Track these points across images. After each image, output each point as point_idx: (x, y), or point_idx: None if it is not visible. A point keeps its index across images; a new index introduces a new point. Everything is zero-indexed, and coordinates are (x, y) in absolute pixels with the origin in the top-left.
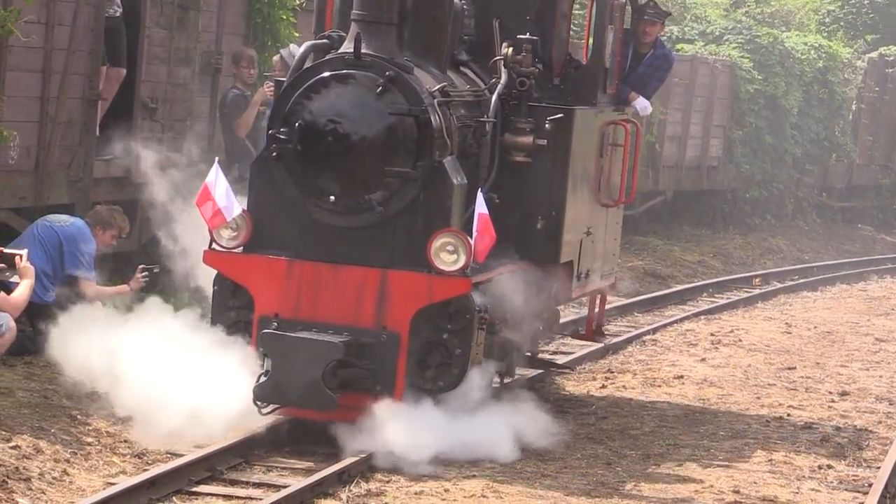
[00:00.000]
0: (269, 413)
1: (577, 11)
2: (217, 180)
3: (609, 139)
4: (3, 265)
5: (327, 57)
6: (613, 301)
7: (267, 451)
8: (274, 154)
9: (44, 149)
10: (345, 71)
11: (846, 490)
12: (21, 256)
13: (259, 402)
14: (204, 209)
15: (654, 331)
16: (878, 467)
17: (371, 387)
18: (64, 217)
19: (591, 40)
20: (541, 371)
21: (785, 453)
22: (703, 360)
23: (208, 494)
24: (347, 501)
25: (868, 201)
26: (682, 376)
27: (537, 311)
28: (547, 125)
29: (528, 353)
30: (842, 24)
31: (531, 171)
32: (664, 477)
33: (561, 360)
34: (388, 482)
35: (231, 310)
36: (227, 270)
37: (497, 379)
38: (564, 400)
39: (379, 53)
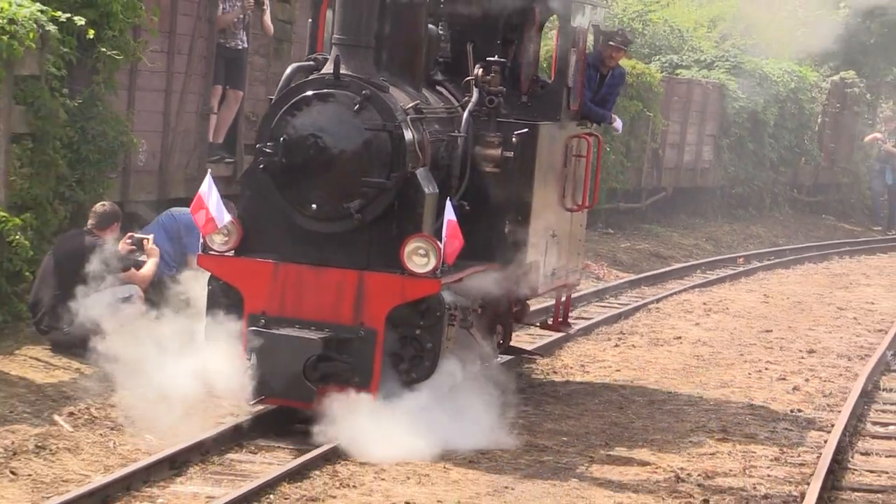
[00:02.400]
0: (255, 403)
1: (548, 31)
2: (210, 191)
3: (573, 151)
4: (133, 247)
5: (310, 77)
6: (625, 276)
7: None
8: (261, 166)
9: (166, 153)
10: (325, 90)
11: (813, 429)
12: (148, 240)
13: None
14: (198, 217)
15: (658, 300)
16: (839, 411)
17: (350, 378)
18: (183, 209)
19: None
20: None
21: (763, 399)
22: (697, 324)
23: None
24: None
25: (831, 196)
26: (680, 337)
27: (506, 305)
28: (514, 139)
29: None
30: (810, 53)
31: (500, 181)
32: (665, 418)
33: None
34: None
35: (223, 307)
36: (219, 272)
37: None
38: (585, 357)
39: (357, 74)
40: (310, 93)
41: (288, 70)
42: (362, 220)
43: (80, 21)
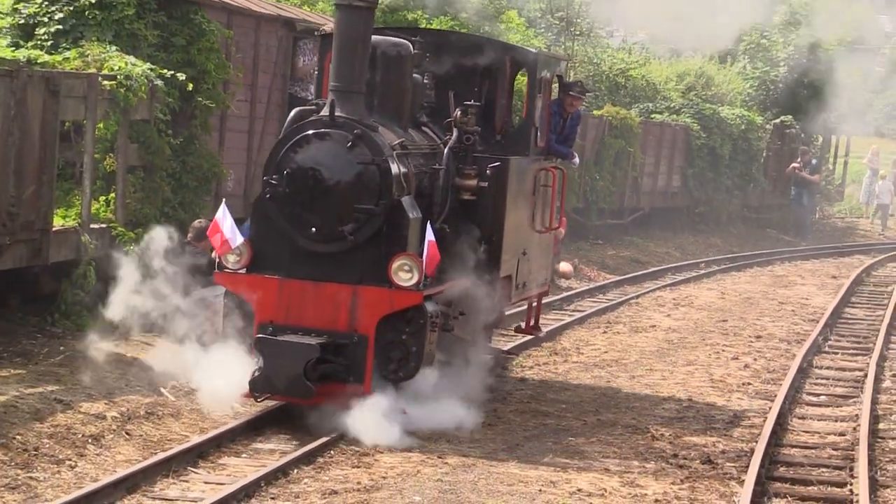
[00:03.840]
0: (262, 400)
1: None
2: (224, 217)
3: (541, 181)
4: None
5: (310, 119)
6: (611, 277)
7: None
8: (268, 195)
9: (249, 180)
10: (322, 129)
11: (761, 399)
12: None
13: (255, 392)
14: (214, 239)
15: (637, 296)
16: (781, 384)
17: (345, 378)
18: None
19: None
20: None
21: (720, 375)
22: (668, 315)
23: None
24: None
25: (773, 214)
26: (654, 326)
27: (484, 311)
28: (488, 171)
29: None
30: (757, 101)
31: (476, 207)
32: (643, 389)
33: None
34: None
35: (237, 317)
36: (233, 287)
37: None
38: (580, 341)
39: (350, 116)
40: (309, 132)
41: (292, 113)
42: (355, 241)
43: (181, 77)
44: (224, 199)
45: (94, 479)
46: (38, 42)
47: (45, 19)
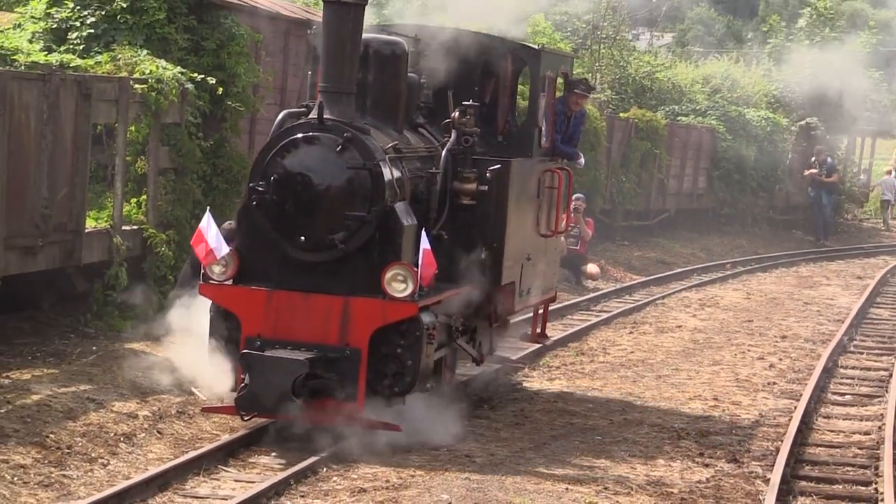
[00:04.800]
0: (249, 419)
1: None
2: (209, 225)
3: (545, 183)
4: None
5: (298, 122)
6: (638, 278)
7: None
8: (254, 203)
9: None
10: (311, 133)
11: (786, 398)
12: None
13: (240, 410)
14: (198, 249)
15: (663, 297)
16: (806, 384)
17: (337, 394)
18: None
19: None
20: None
21: (746, 375)
22: (694, 315)
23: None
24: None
25: (798, 215)
26: (680, 326)
27: (486, 320)
28: (488, 174)
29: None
30: (781, 103)
31: (476, 212)
32: (669, 388)
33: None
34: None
35: (224, 330)
36: (219, 299)
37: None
38: (606, 341)
39: (340, 118)
40: (297, 136)
41: (280, 116)
42: (346, 250)
43: (211, 80)
44: (209, 207)
45: (126, 477)
46: (71, 46)
47: (78, 24)
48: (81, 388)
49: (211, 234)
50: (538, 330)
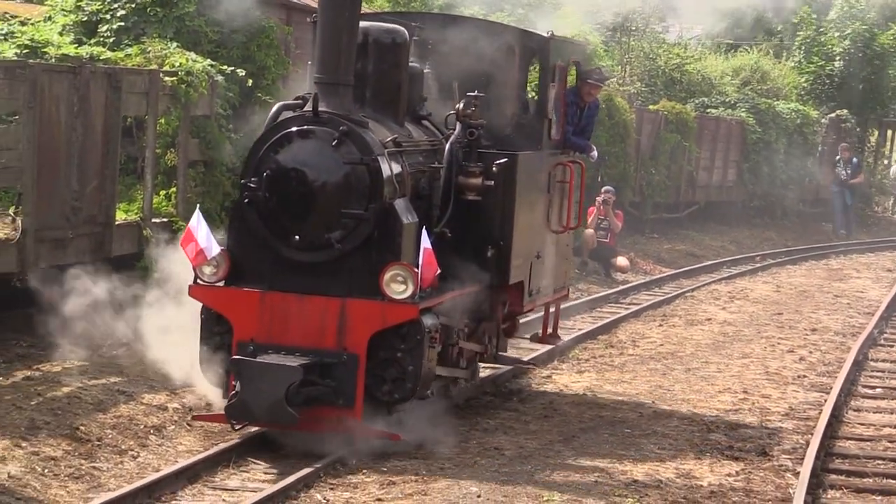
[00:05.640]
0: (240, 428)
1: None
2: (199, 224)
3: (556, 177)
4: None
5: (292, 115)
6: (667, 271)
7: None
8: (246, 200)
9: None
10: (305, 127)
11: (816, 391)
12: None
13: (231, 419)
14: (188, 249)
15: (693, 290)
16: (836, 377)
17: (334, 401)
18: None
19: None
20: (510, 367)
21: (776, 368)
22: (723, 308)
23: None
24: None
25: (828, 208)
26: (710, 319)
27: (491, 323)
28: (494, 168)
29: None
30: (812, 95)
31: (482, 208)
32: (699, 381)
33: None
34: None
35: (216, 335)
36: (210, 302)
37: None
38: (635, 334)
39: (336, 111)
40: (291, 129)
41: (274, 108)
42: (343, 250)
43: (241, 73)
44: (199, 205)
45: (156, 469)
46: (101, 39)
47: (108, 16)
48: (111, 380)
49: (201, 234)
50: (549, 330)
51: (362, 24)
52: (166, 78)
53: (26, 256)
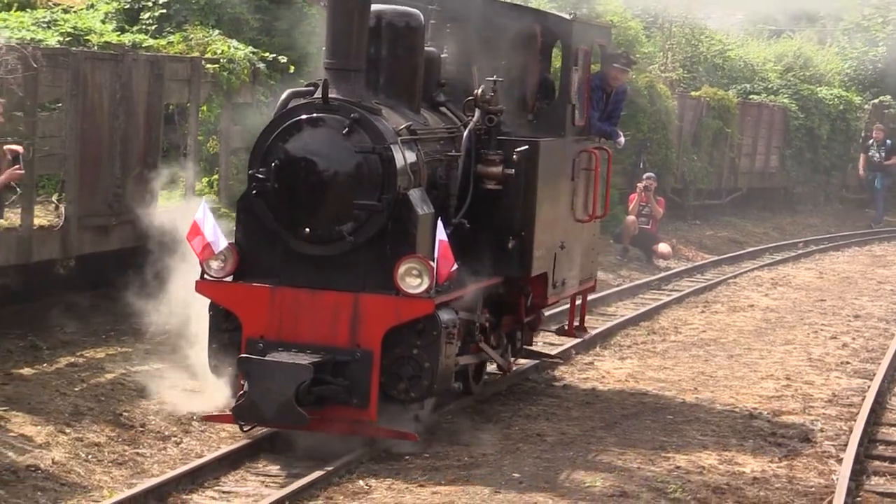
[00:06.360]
0: (249, 430)
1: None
2: (205, 217)
3: (581, 164)
4: None
5: (300, 102)
6: (709, 257)
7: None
8: (254, 192)
9: None
10: (315, 114)
11: (859, 377)
12: None
13: (239, 420)
14: (194, 243)
15: (735, 276)
16: (880, 363)
17: (347, 400)
18: None
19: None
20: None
21: (819, 354)
22: (766, 295)
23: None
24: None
25: (872, 195)
26: (752, 305)
27: (516, 315)
28: (515, 156)
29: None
30: (855, 81)
31: (502, 197)
32: (741, 367)
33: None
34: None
35: (225, 332)
36: (217, 297)
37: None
38: (678, 320)
39: (347, 98)
40: (300, 117)
41: (283, 95)
42: (355, 243)
43: (283, 59)
44: (204, 198)
45: (199, 455)
46: (143, 26)
47: (150, 4)
48: (155, 366)
49: (208, 227)
50: (575, 323)
51: (375, 6)
52: (208, 65)
53: (69, 243)
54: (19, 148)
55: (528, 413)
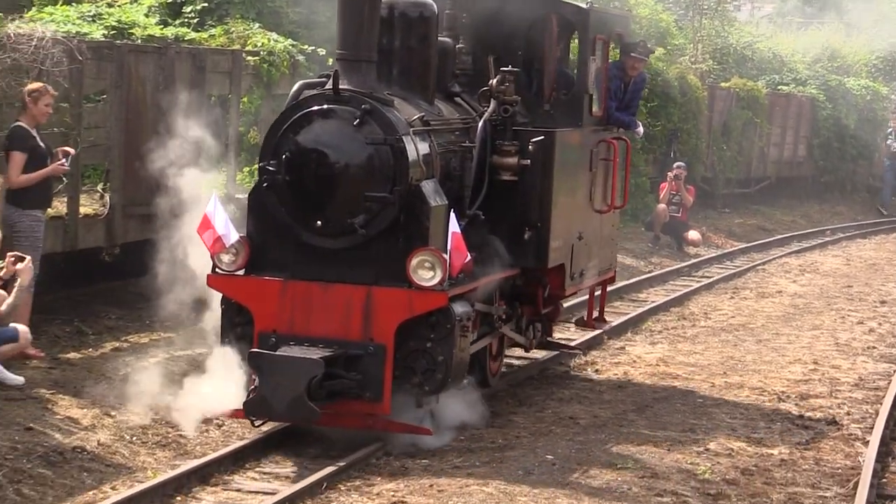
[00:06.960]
0: (260, 425)
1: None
2: (216, 210)
3: (599, 154)
4: None
5: (311, 93)
6: (738, 245)
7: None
8: (265, 184)
9: None
10: (326, 106)
11: (885, 362)
12: None
13: (250, 416)
14: (205, 237)
15: (764, 263)
16: None
17: (360, 394)
18: None
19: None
20: (556, 353)
21: (846, 339)
22: (794, 281)
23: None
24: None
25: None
26: (781, 291)
27: (533, 306)
28: (530, 147)
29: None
30: (882, 72)
31: (518, 189)
32: (770, 352)
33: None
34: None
35: (237, 326)
36: (229, 291)
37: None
38: (707, 306)
39: (359, 89)
40: (310, 109)
41: (295, 87)
42: (367, 235)
43: (321, 51)
44: (215, 191)
45: (241, 438)
46: (185, 20)
47: None
48: (197, 351)
49: (219, 220)
50: (595, 314)
51: None
52: (249, 58)
53: (114, 231)
54: (71, 150)
55: (560, 396)
